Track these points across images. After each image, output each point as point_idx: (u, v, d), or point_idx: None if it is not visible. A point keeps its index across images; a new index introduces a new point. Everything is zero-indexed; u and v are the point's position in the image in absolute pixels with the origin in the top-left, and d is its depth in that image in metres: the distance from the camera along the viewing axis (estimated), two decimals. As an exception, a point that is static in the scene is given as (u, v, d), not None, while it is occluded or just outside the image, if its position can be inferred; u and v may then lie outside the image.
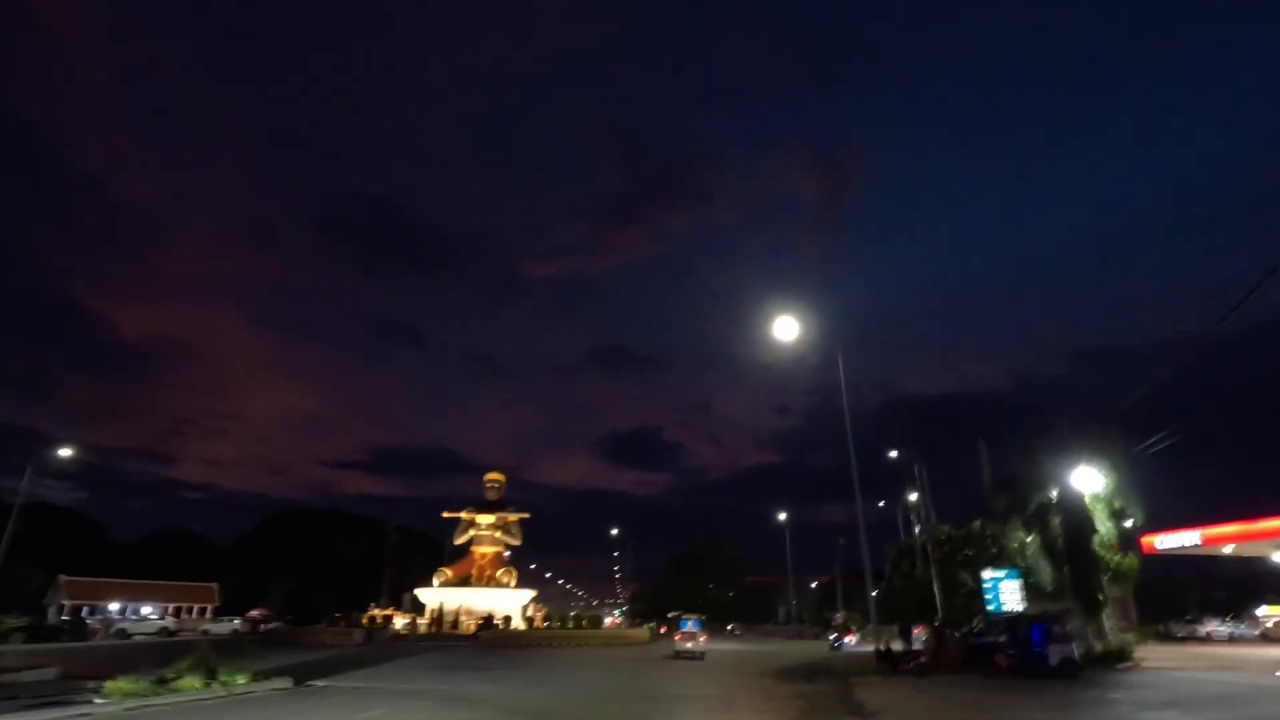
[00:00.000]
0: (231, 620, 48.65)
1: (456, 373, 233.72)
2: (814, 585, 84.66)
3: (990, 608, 20.67)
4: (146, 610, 52.05)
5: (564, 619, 39.39)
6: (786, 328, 21.14)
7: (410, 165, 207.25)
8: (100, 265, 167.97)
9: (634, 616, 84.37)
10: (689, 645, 25.57)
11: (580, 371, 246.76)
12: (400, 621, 36.06)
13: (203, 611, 55.73)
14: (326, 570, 73.65)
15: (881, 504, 38.47)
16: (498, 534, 43.46)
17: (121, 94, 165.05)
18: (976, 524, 25.46)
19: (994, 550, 23.25)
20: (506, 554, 44.23)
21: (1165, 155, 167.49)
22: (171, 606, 55.06)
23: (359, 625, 32.49)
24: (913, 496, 26.77)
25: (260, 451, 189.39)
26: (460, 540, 43.78)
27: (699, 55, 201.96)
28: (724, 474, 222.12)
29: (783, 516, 65.68)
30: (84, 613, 49.37)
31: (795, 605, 74.69)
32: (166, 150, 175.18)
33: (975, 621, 21.97)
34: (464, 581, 41.41)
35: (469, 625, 35.28)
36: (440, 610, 37.76)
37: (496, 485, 45.51)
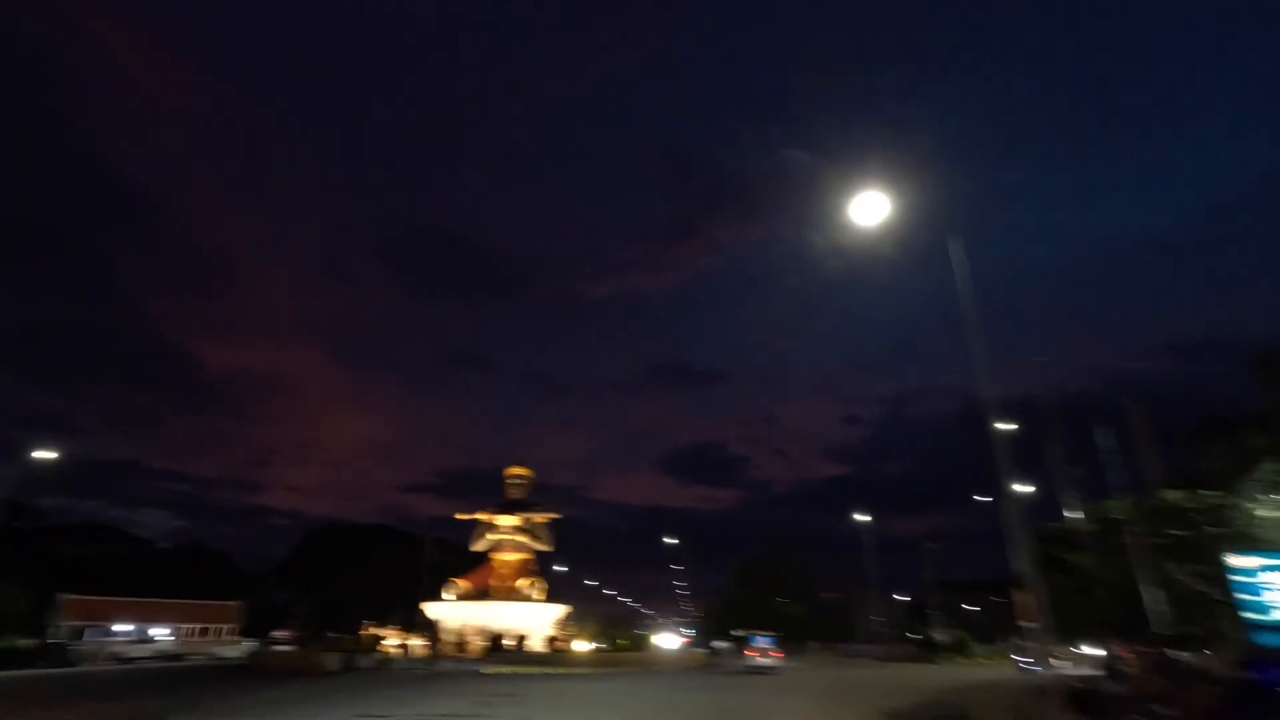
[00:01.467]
0: (246, 642, 43.38)
1: (520, 395, 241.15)
2: (898, 600, 74.95)
3: (1254, 615, 12.39)
4: (158, 631, 47.74)
5: (600, 639, 32.07)
6: (871, 204, 13.34)
7: (469, 195, 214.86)
8: (191, 307, 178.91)
9: (704, 635, 77.27)
10: (760, 660, 27.25)
11: (641, 389, 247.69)
12: (397, 642, 29.59)
13: (223, 632, 50.89)
14: (365, 587, 68.90)
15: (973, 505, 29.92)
16: (522, 538, 36.77)
17: (202, 146, 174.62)
18: (1174, 494, 17.07)
19: (1228, 527, 14.87)
20: (533, 562, 37.46)
21: (1260, 143, 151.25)
22: (192, 627, 50.77)
23: (337, 648, 26.17)
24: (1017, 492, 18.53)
25: (339, 478, 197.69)
26: (479, 546, 37.30)
27: (747, 68, 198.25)
28: (791, 488, 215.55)
29: (860, 518, 56.79)
30: (85, 634, 45.41)
31: (879, 622, 65.27)
32: (245, 196, 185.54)
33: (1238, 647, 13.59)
34: (482, 594, 34.85)
35: (477, 647, 28.51)
36: (436, 630, 31.14)
37: (520, 482, 38.90)
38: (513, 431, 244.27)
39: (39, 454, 36.24)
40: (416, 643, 29.95)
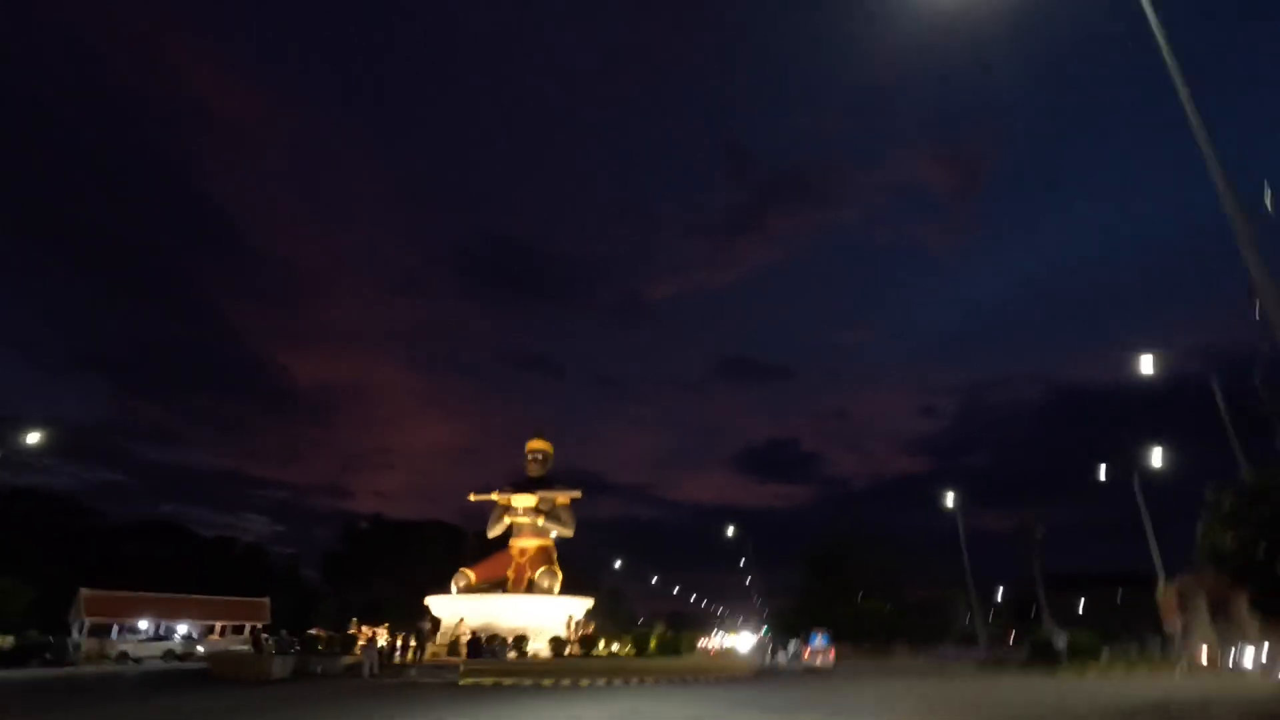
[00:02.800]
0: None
1: (588, 397, 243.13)
2: (991, 599, 65.90)
3: None
4: (181, 629, 45.37)
5: (624, 639, 26.20)
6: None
7: (532, 201, 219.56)
8: (280, 322, 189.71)
9: (777, 634, 70.68)
10: (818, 661, 28.06)
11: (708, 387, 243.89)
12: (384, 642, 24.71)
13: (253, 630, 48.15)
14: (409, 582, 65.61)
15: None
16: (540, 521, 31.44)
17: (282, 167, 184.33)
18: None
19: None
20: (553, 549, 32.09)
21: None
22: (220, 625, 48.35)
23: (292, 650, 21.50)
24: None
25: (420, 482, 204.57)
26: (495, 531, 32.20)
27: (807, 57, 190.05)
28: (869, 483, 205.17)
29: (951, 502, 48.99)
30: (114, 632, 43.39)
31: (974, 622, 56.77)
32: (323, 214, 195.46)
33: None
34: (498, 586, 29.73)
35: (444, 650, 23.37)
36: (421, 629, 26.08)
37: (540, 457, 33.60)
38: (583, 433, 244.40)
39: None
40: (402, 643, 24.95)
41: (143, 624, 44.18)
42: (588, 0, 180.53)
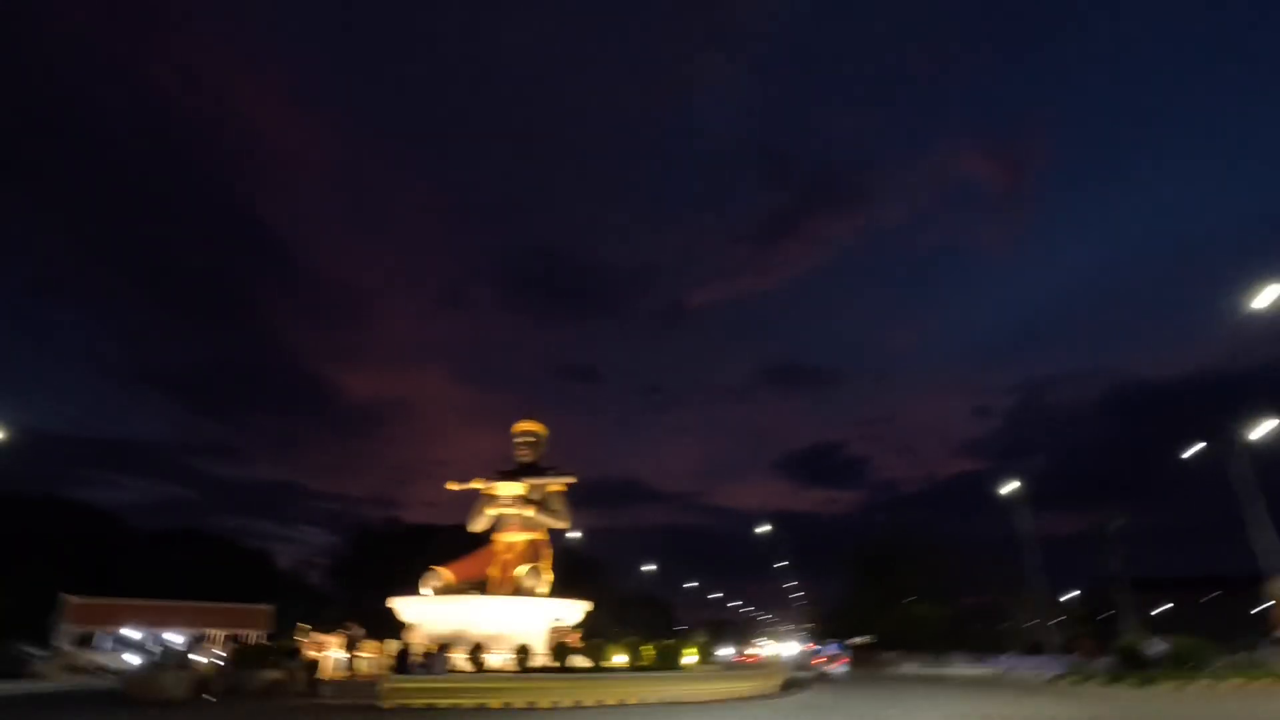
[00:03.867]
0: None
1: (633, 406, 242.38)
2: (1055, 603, 59.18)
3: None
4: (171, 636, 42.66)
5: (624, 648, 21.68)
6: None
7: (571, 213, 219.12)
8: (331, 340, 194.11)
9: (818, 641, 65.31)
10: (833, 667, 29.96)
11: (752, 393, 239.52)
12: (340, 653, 20.83)
13: (229, 638, 45.18)
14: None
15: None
16: (529, 512, 27.25)
17: (330, 191, 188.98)
18: None
19: None
20: (545, 544, 27.85)
21: None
22: (217, 633, 45.59)
23: (184, 668, 17.75)
24: None
25: (467, 494, 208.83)
26: (479, 525, 28.13)
27: (844, 56, 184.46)
28: (919, 487, 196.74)
29: (1009, 500, 43.31)
30: (104, 641, 40.90)
31: (1040, 626, 50.56)
32: (369, 234, 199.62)
33: None
34: (478, 587, 25.64)
35: (372, 663, 19.22)
36: (353, 636, 22.01)
37: (531, 440, 29.46)
38: (628, 442, 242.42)
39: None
40: (343, 655, 20.94)
41: (134, 633, 41.65)
42: (620, 10, 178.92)
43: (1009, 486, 44.30)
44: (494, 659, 19.27)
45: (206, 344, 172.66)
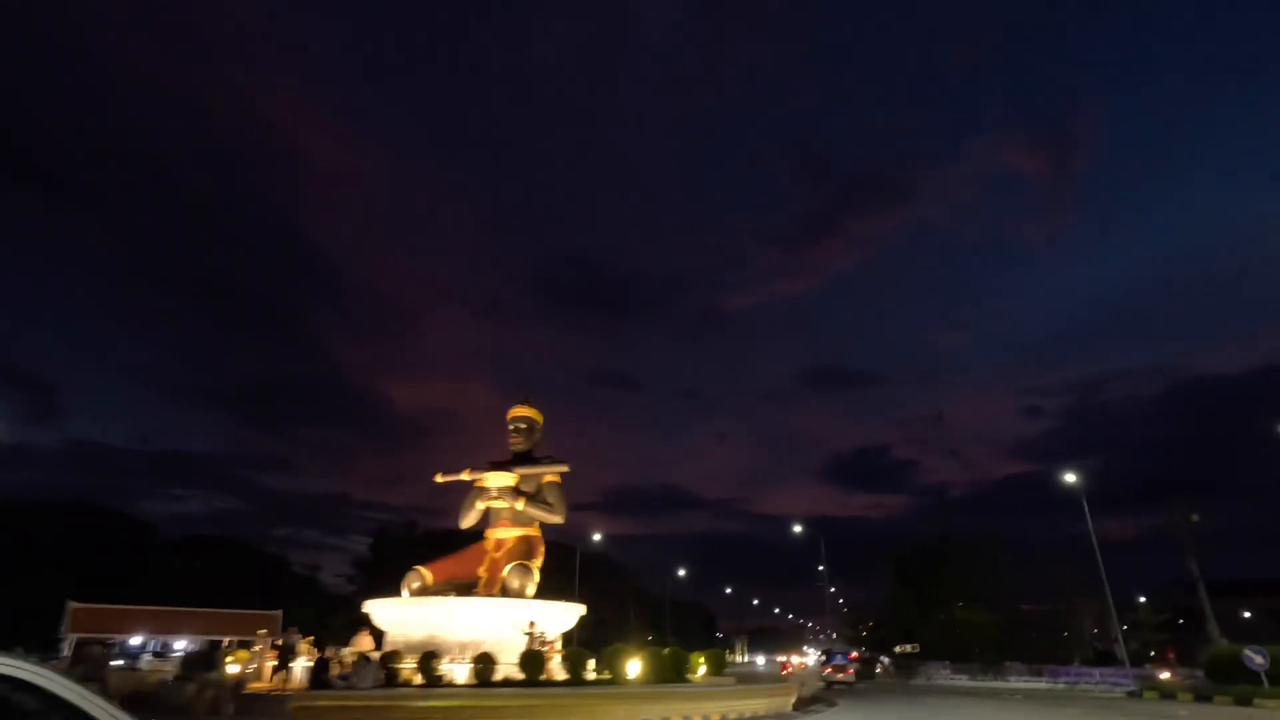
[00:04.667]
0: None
1: (672, 412, 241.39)
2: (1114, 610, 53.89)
3: None
4: (181, 644, 41.14)
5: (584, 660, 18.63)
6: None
7: (607, 221, 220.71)
8: (378, 355, 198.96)
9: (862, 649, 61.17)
10: (839, 676, 30.45)
11: (793, 397, 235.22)
12: (305, 660, 18.35)
13: (211, 644, 43.38)
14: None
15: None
16: (520, 505, 24.51)
17: (374, 210, 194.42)
18: None
19: None
20: (539, 540, 25.07)
21: None
22: (226, 640, 44.00)
23: (97, 674, 15.38)
24: None
25: None
26: (468, 520, 25.54)
27: (876, 53, 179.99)
28: (969, 490, 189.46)
29: (1072, 477, 39.09)
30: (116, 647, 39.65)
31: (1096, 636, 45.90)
32: (414, 249, 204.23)
33: None
34: (469, 588, 22.98)
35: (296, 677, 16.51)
36: (289, 642, 19.42)
37: (524, 426, 26.81)
38: (668, 448, 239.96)
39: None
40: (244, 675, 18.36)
41: (135, 639, 40.25)
42: (651, 18, 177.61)
43: (1069, 479, 39.98)
44: (460, 669, 16.53)
45: (260, 360, 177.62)
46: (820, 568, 65.73)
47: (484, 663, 17.67)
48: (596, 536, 54.97)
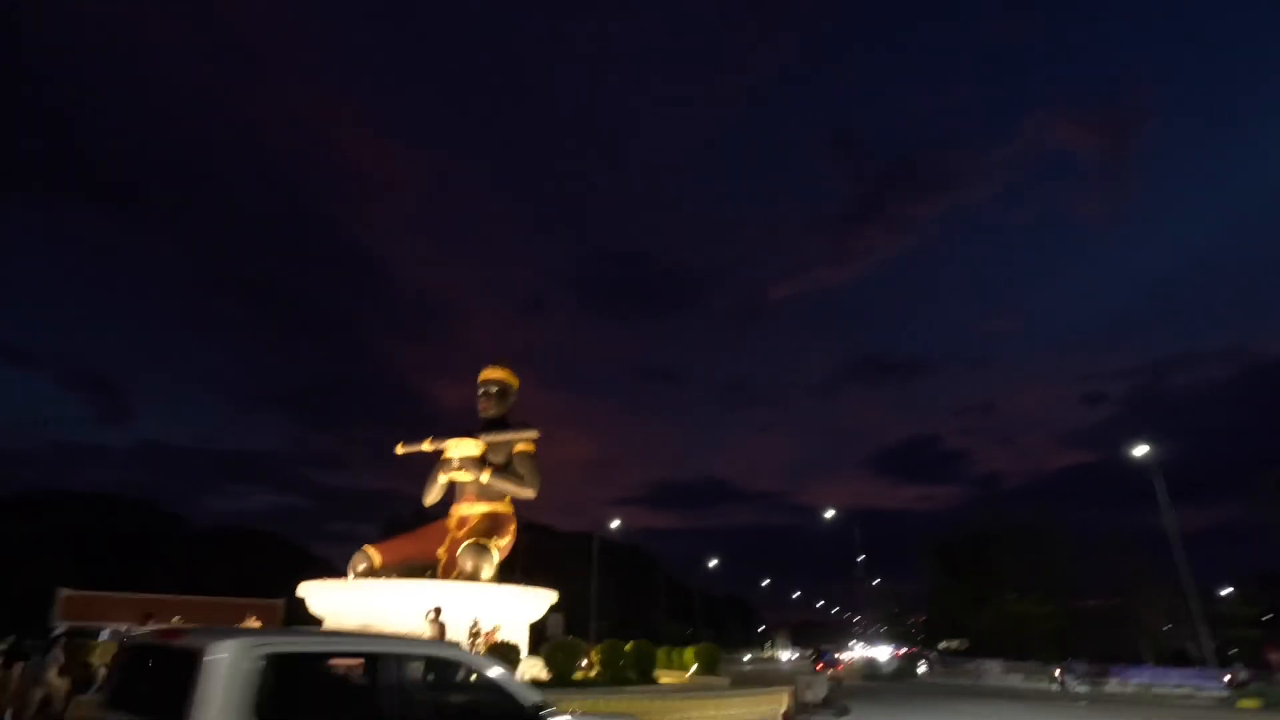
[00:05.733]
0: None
1: (713, 405, 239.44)
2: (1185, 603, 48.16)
3: None
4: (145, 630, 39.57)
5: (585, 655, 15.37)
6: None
7: (648, 214, 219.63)
8: (423, 353, 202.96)
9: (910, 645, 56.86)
10: (829, 673, 26.03)
11: (838, 388, 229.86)
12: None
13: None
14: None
15: None
16: (485, 477, 21.39)
17: (415, 212, 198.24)
18: None
19: None
20: (508, 517, 21.92)
21: None
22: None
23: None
24: None
25: (560, 495, 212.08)
26: (433, 496, 22.55)
27: (918, 31, 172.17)
28: (1024, 480, 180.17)
29: (1142, 452, 34.29)
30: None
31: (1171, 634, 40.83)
32: (453, 250, 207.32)
33: None
34: (427, 570, 20.00)
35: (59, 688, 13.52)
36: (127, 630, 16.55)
37: (495, 389, 23.67)
38: (710, 441, 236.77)
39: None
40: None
41: (115, 627, 38.97)
42: (686, 7, 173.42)
43: (1138, 456, 35.05)
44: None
45: (316, 362, 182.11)
46: (859, 559, 61.41)
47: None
48: (615, 523, 51.66)
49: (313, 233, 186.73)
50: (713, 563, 74.48)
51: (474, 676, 5.10)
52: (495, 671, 5.07)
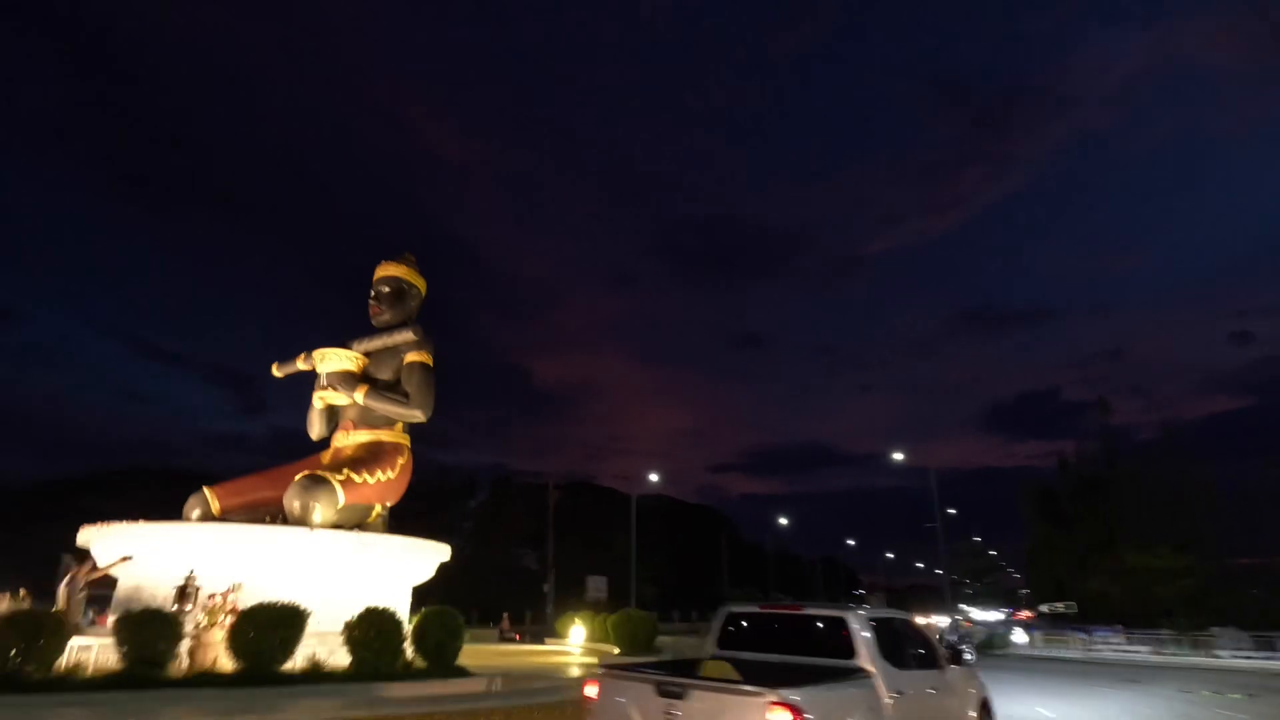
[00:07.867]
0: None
1: (807, 368, 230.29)
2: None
3: None
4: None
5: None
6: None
7: (731, 177, 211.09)
8: (521, 332, 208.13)
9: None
10: None
11: (943, 343, 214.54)
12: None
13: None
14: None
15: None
16: (360, 395, 16.35)
17: (501, 196, 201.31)
18: None
19: None
20: (397, 447, 16.79)
21: None
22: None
23: None
24: None
25: (659, 466, 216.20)
26: (317, 428, 17.72)
27: None
28: (1160, 431, 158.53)
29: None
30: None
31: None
32: (542, 229, 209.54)
33: None
34: (278, 515, 15.21)
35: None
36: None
37: (391, 288, 18.52)
38: (808, 405, 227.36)
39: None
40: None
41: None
42: None
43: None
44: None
45: None
46: (989, 526, 53.16)
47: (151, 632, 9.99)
48: (654, 477, 46.48)
49: (410, 225, 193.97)
50: (806, 526, 68.37)
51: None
52: None
